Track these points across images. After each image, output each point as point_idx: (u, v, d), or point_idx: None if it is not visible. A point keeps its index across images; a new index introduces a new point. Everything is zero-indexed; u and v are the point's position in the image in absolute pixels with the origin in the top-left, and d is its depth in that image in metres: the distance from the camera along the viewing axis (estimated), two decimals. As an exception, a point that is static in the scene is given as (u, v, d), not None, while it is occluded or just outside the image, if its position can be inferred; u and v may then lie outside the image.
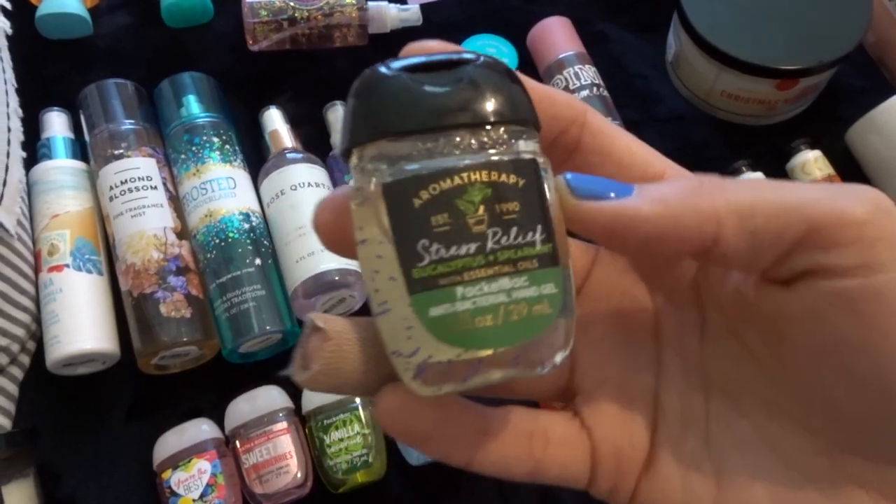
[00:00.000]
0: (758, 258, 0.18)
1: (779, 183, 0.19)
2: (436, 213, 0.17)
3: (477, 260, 0.17)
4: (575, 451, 0.22)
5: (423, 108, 0.17)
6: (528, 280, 0.17)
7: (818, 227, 0.17)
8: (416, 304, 0.17)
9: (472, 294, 0.17)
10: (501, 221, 0.17)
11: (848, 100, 0.65)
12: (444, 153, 0.17)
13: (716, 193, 0.18)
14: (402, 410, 0.19)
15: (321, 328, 0.18)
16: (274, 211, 0.55)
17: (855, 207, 0.17)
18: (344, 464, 0.49)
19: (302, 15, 0.63)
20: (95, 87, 0.58)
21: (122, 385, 0.53)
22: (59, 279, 0.52)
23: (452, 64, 0.18)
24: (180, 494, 0.48)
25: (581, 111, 0.21)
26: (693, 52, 0.61)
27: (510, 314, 0.17)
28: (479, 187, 0.17)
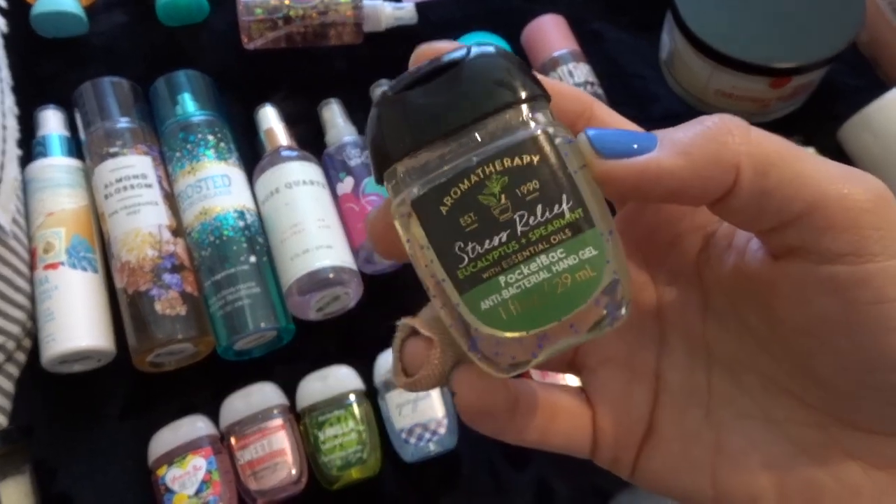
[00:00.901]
0: (763, 217, 0.19)
1: (799, 149, 0.19)
2: (463, 213, 0.18)
3: (511, 246, 0.18)
4: (578, 423, 0.23)
5: (428, 121, 0.18)
6: (565, 251, 0.18)
7: (821, 205, 0.18)
8: (468, 302, 0.18)
9: (515, 279, 0.18)
10: (525, 203, 0.18)
11: (841, 98, 0.65)
12: (459, 155, 0.18)
13: (739, 142, 0.18)
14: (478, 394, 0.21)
15: (427, 336, 0.20)
16: (269, 209, 0.55)
17: (859, 194, 0.18)
18: (338, 460, 0.49)
19: (297, 13, 0.63)
20: (91, 84, 0.58)
21: (118, 382, 0.53)
22: (55, 277, 0.52)
23: (448, 66, 0.19)
24: (175, 491, 0.48)
25: (588, 104, 0.21)
26: (687, 51, 0.61)
27: (555, 288, 0.18)
28: (495, 178, 0.18)
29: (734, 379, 0.22)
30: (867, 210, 0.18)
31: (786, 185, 0.18)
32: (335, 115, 0.61)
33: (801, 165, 0.18)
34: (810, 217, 0.18)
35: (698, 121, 0.19)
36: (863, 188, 0.18)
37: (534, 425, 0.22)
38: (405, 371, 0.20)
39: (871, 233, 0.18)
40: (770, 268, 0.20)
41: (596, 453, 0.23)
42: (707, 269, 0.22)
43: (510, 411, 0.21)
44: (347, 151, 0.58)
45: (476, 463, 0.52)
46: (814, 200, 0.18)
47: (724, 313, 0.22)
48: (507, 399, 0.21)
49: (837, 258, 0.18)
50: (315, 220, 0.54)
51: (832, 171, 0.18)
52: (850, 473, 0.20)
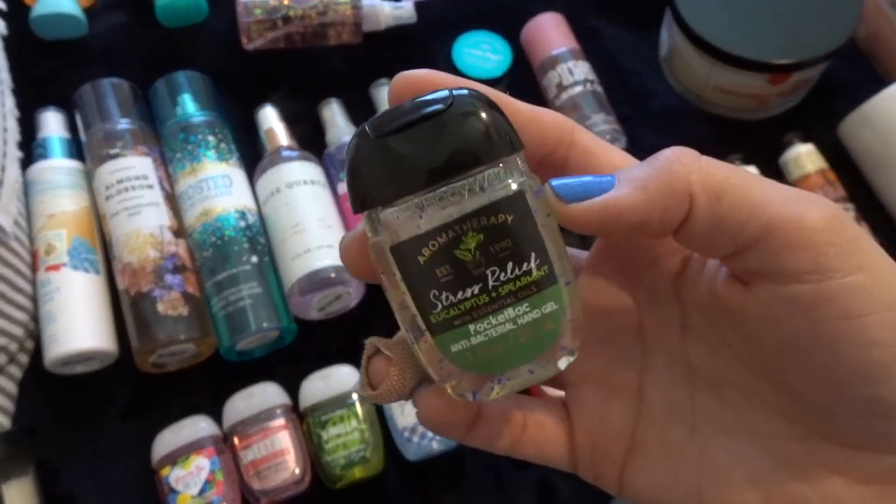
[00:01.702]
0: (718, 243, 0.19)
1: (749, 175, 0.19)
2: (440, 265, 0.19)
3: (482, 298, 0.20)
4: (550, 436, 0.24)
5: (409, 171, 0.19)
6: (530, 305, 0.20)
7: (775, 228, 0.18)
8: (440, 343, 0.20)
9: (483, 328, 0.20)
10: (497, 260, 0.20)
11: (840, 94, 0.65)
12: (438, 206, 0.19)
13: (690, 171, 0.19)
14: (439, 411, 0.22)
15: (385, 354, 0.22)
16: (270, 209, 0.55)
17: (813, 214, 0.18)
18: (341, 459, 0.50)
19: (296, 13, 0.63)
20: (91, 86, 0.59)
21: (120, 383, 0.54)
22: (57, 278, 0.52)
23: (429, 116, 0.19)
24: (179, 491, 0.48)
25: (568, 130, 0.22)
26: (686, 48, 0.61)
27: (518, 338, 0.20)
28: (471, 235, 0.19)
29: (716, 394, 0.22)
30: (821, 228, 0.18)
31: (739, 210, 0.19)
32: (335, 115, 0.61)
33: (752, 190, 0.19)
34: (766, 240, 0.18)
35: (654, 157, 0.20)
36: (816, 208, 0.18)
37: (501, 434, 0.23)
38: (370, 384, 0.22)
39: (828, 249, 0.18)
40: (738, 292, 0.20)
41: (577, 467, 0.24)
42: (684, 290, 0.23)
43: (471, 424, 0.23)
44: (347, 151, 0.58)
45: (478, 461, 0.52)
46: (768, 223, 0.18)
47: (702, 331, 0.22)
48: (467, 414, 0.23)
49: (799, 277, 0.18)
50: (316, 219, 0.54)
51: (784, 195, 0.19)
52: (833, 488, 0.20)
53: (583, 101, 0.61)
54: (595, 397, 0.24)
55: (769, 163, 0.62)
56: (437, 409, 0.22)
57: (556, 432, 0.24)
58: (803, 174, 0.61)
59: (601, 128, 0.60)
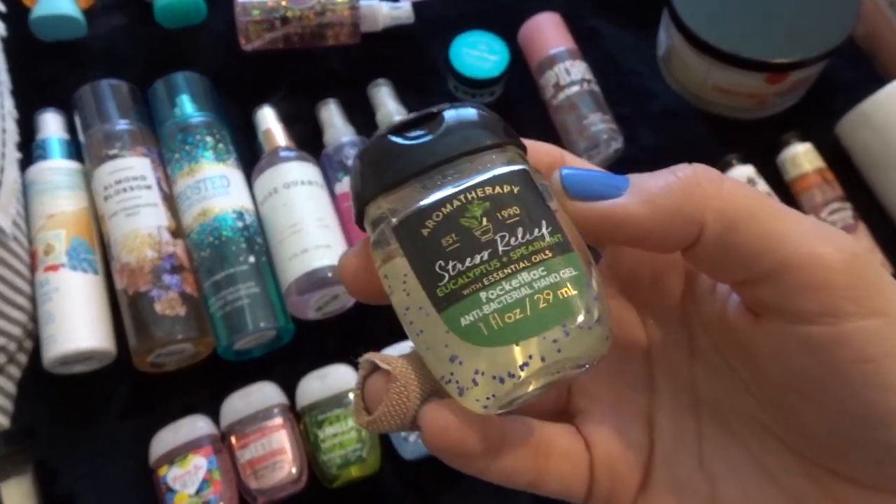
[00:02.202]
0: (731, 271, 0.19)
1: (771, 205, 0.19)
2: (444, 234, 0.18)
3: (493, 264, 0.18)
4: (575, 467, 0.22)
5: (413, 157, 0.19)
6: (546, 269, 0.18)
7: (792, 266, 0.18)
8: (447, 319, 0.18)
9: (496, 295, 0.18)
10: (506, 226, 0.18)
11: (839, 93, 0.65)
12: (441, 186, 0.19)
13: (707, 196, 0.19)
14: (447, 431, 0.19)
15: (386, 370, 0.19)
16: (267, 209, 0.56)
17: (831, 254, 0.18)
18: (338, 459, 0.50)
19: (294, 14, 0.63)
20: (90, 87, 0.59)
21: (119, 383, 0.54)
22: (56, 278, 0.52)
23: (431, 115, 0.20)
24: (176, 490, 0.48)
25: (559, 156, 0.22)
26: (684, 48, 0.61)
27: (537, 302, 0.18)
28: (476, 203, 0.19)
29: (723, 424, 0.21)
30: (839, 270, 0.18)
31: (754, 242, 0.18)
32: (333, 116, 0.61)
33: (773, 223, 0.18)
34: (781, 276, 0.18)
35: (672, 169, 0.19)
36: (835, 247, 0.18)
37: (526, 466, 0.20)
38: (367, 409, 0.19)
39: (845, 292, 0.17)
40: (751, 323, 0.20)
41: (589, 501, 0.22)
42: (692, 310, 0.22)
43: (493, 450, 0.20)
44: (345, 151, 0.58)
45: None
46: (784, 259, 0.18)
47: (710, 356, 0.22)
48: (488, 437, 0.19)
49: (813, 318, 0.18)
50: (313, 219, 0.54)
51: (804, 230, 0.18)
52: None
53: (580, 101, 0.61)
54: (610, 424, 0.22)
55: (767, 162, 0.62)
56: (447, 426, 0.19)
57: (582, 463, 0.22)
58: (801, 173, 0.61)
59: (598, 127, 0.60)
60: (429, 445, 0.19)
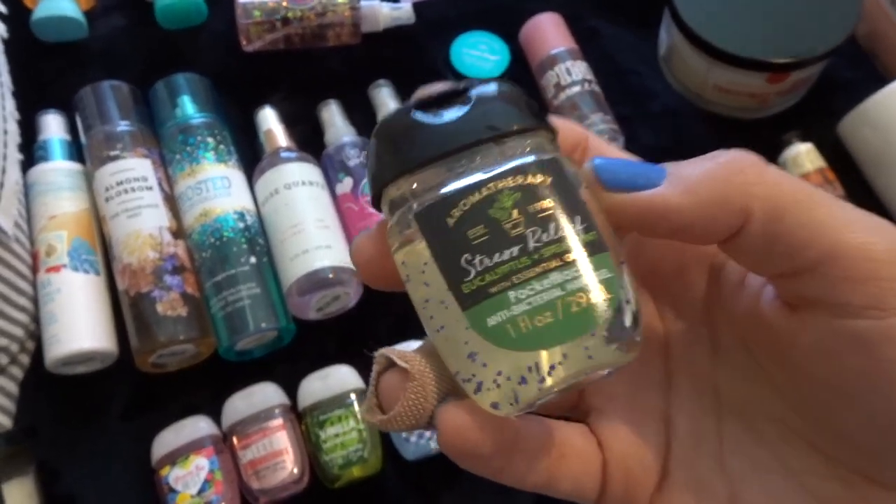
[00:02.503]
0: (773, 262, 0.18)
1: (816, 193, 0.18)
2: (471, 226, 0.17)
3: (522, 261, 0.17)
4: (588, 467, 0.21)
5: (438, 137, 0.18)
6: (579, 270, 0.17)
7: (838, 256, 0.17)
8: (472, 318, 0.17)
9: (526, 295, 0.17)
10: (538, 220, 0.17)
11: (840, 92, 0.65)
12: (468, 172, 0.17)
13: (751, 183, 0.18)
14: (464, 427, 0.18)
15: (403, 367, 0.18)
16: (268, 210, 0.56)
17: (877, 244, 0.17)
18: (340, 459, 0.50)
19: (295, 15, 0.63)
20: (91, 88, 0.59)
21: (120, 383, 0.54)
22: (57, 279, 0.52)
23: (459, 93, 0.18)
24: (178, 491, 0.48)
25: (583, 135, 0.21)
26: (684, 47, 0.61)
27: (569, 306, 0.17)
28: (507, 193, 0.17)
29: (746, 425, 0.21)
30: (887, 261, 0.17)
31: (800, 232, 0.17)
32: (334, 116, 0.61)
33: (818, 211, 0.17)
34: (827, 266, 0.17)
35: (711, 156, 0.19)
36: (882, 238, 0.17)
37: (539, 467, 0.20)
38: (381, 407, 0.18)
39: (892, 284, 0.17)
40: (788, 318, 0.18)
41: (602, 501, 0.21)
42: (717, 307, 0.21)
43: (507, 452, 0.19)
44: (346, 152, 0.58)
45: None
46: (831, 249, 0.17)
47: (735, 354, 0.21)
48: (504, 439, 0.19)
49: (859, 311, 0.17)
50: (314, 220, 0.54)
51: (850, 219, 0.17)
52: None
53: (581, 101, 0.61)
54: (625, 423, 0.22)
55: (768, 162, 0.62)
56: (464, 427, 0.18)
57: (595, 463, 0.21)
58: (802, 173, 0.61)
59: (599, 127, 0.60)
60: (444, 447, 0.18)
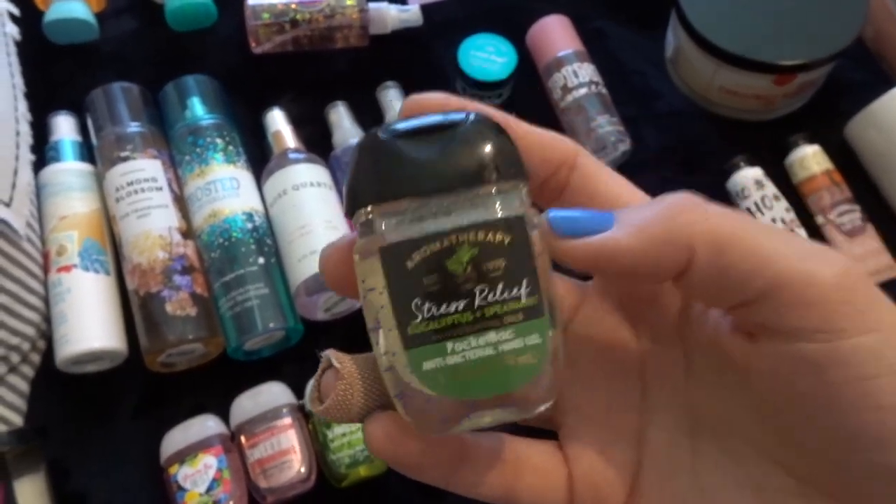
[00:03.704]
0: (724, 294, 0.19)
1: (759, 226, 0.19)
2: (427, 273, 0.18)
3: (465, 316, 0.18)
4: (549, 482, 0.22)
5: (416, 174, 0.19)
6: (514, 333, 0.19)
7: (783, 284, 0.18)
8: (412, 358, 0.19)
9: (462, 348, 0.18)
10: (488, 279, 0.18)
11: (847, 94, 0.65)
12: (437, 215, 0.19)
13: (694, 221, 0.19)
14: (389, 440, 0.20)
15: (335, 367, 0.20)
16: (277, 210, 0.56)
17: (823, 269, 0.18)
18: (347, 458, 0.50)
19: (303, 17, 0.63)
20: (102, 90, 0.59)
21: (130, 382, 0.54)
22: (68, 279, 0.53)
23: (444, 127, 0.19)
24: (187, 489, 0.49)
25: (572, 153, 0.22)
26: (691, 49, 0.61)
27: (496, 365, 0.19)
28: (466, 248, 0.18)
29: (720, 443, 0.21)
30: (831, 285, 0.17)
31: (743, 264, 0.18)
32: (342, 118, 0.61)
33: (760, 242, 0.18)
34: (773, 295, 0.18)
35: (658, 199, 0.20)
36: (827, 263, 0.18)
37: (492, 481, 0.21)
38: (320, 398, 0.21)
39: (837, 307, 0.17)
40: (746, 345, 0.19)
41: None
42: (688, 330, 0.22)
43: (448, 463, 0.21)
44: (354, 153, 0.59)
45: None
46: (776, 278, 0.18)
47: (706, 375, 0.21)
48: (438, 451, 0.20)
49: (807, 336, 0.18)
50: (322, 221, 0.55)
51: (794, 248, 0.18)
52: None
53: (587, 103, 0.61)
54: (595, 441, 0.22)
55: (775, 164, 0.62)
56: (388, 437, 0.20)
57: (557, 479, 0.22)
58: (809, 175, 0.61)
59: (605, 129, 0.60)
60: (371, 450, 0.20)
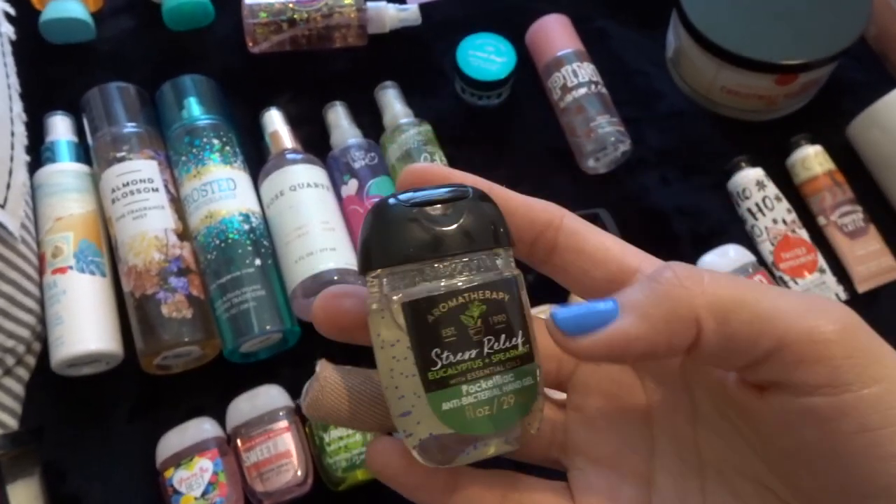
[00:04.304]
0: (733, 359, 0.20)
1: (755, 287, 0.19)
2: (446, 326, 0.21)
3: (476, 363, 0.22)
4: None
5: (429, 240, 0.22)
6: (514, 375, 0.22)
7: (788, 343, 0.18)
8: (432, 400, 0.21)
9: (474, 390, 0.22)
10: (494, 331, 0.22)
11: (849, 94, 0.65)
12: (447, 275, 0.22)
13: (693, 294, 0.19)
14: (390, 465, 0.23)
15: (315, 371, 0.24)
16: (274, 211, 0.56)
17: (825, 326, 0.18)
18: (343, 462, 0.50)
19: (301, 16, 0.63)
20: (98, 90, 0.59)
21: (126, 385, 0.54)
22: (63, 281, 0.52)
23: (451, 199, 0.22)
24: (182, 493, 0.48)
25: (557, 214, 0.23)
26: (692, 49, 0.61)
27: (502, 403, 0.22)
28: (476, 304, 0.22)
29: (728, 485, 0.22)
30: (835, 341, 0.18)
31: (749, 327, 0.19)
32: (340, 118, 0.61)
33: (762, 305, 0.19)
34: (780, 354, 0.18)
35: (652, 276, 0.20)
36: (828, 319, 0.18)
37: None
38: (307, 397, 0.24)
39: (842, 362, 0.18)
40: (752, 397, 0.20)
41: None
42: (694, 376, 0.22)
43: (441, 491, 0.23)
44: (352, 154, 0.58)
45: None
46: (780, 337, 0.18)
47: (713, 419, 0.22)
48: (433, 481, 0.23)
49: (814, 390, 0.18)
50: (319, 222, 0.54)
51: (795, 306, 0.19)
52: None
53: (587, 103, 0.60)
54: (604, 483, 0.23)
55: (777, 164, 0.62)
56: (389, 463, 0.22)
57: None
58: (811, 175, 0.60)
59: (605, 129, 0.59)
60: (373, 472, 0.23)
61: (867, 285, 0.58)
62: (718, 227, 0.60)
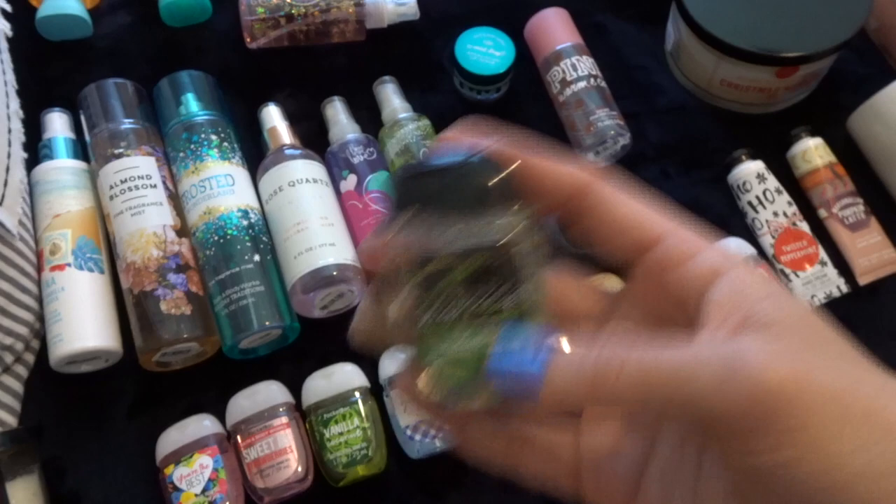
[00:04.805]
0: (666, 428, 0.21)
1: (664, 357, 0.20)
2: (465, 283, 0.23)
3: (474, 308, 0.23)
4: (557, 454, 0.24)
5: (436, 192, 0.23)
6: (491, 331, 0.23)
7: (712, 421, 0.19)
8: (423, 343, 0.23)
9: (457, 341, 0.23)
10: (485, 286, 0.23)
11: (850, 87, 0.64)
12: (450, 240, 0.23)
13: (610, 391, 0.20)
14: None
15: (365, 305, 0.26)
16: (272, 207, 0.55)
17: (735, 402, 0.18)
18: (344, 457, 0.50)
19: (299, 11, 0.63)
20: (95, 87, 0.59)
21: (125, 382, 0.54)
22: (62, 278, 0.52)
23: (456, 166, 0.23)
24: (182, 489, 0.48)
25: (585, 181, 0.23)
26: (692, 42, 0.61)
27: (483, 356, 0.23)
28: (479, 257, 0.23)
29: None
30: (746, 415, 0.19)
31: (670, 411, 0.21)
32: (338, 113, 0.61)
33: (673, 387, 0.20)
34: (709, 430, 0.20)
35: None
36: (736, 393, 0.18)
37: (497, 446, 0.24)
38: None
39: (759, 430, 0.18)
40: None
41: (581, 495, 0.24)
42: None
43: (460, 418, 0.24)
44: (350, 149, 0.58)
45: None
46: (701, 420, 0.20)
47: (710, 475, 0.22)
48: None
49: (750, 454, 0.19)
50: (318, 217, 0.54)
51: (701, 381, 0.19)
52: None
53: (587, 97, 0.60)
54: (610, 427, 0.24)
55: (777, 157, 0.61)
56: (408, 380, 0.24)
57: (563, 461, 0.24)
58: (811, 168, 0.60)
59: (605, 123, 0.59)
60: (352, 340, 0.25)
61: (868, 278, 0.58)
62: (719, 221, 0.60)
